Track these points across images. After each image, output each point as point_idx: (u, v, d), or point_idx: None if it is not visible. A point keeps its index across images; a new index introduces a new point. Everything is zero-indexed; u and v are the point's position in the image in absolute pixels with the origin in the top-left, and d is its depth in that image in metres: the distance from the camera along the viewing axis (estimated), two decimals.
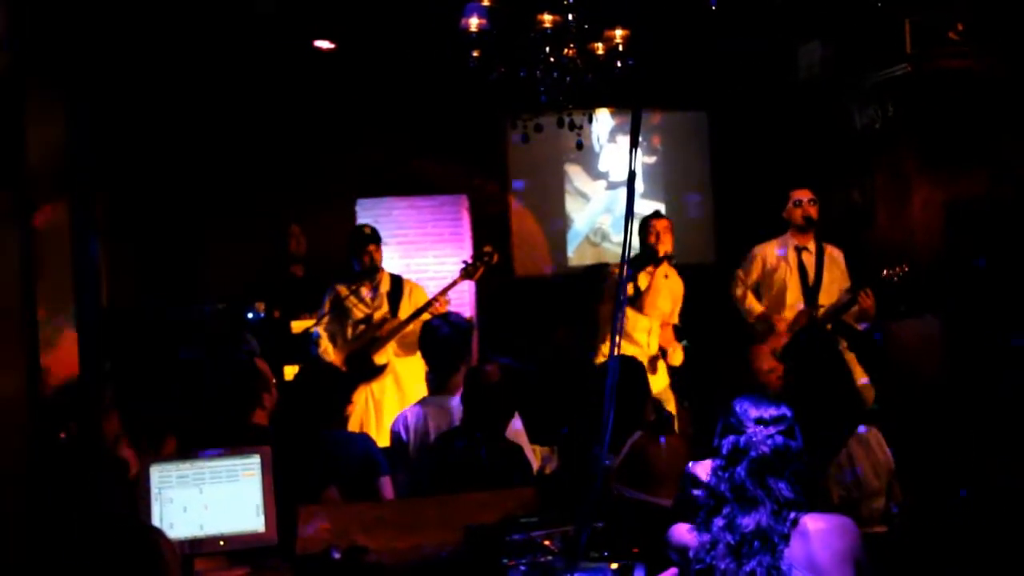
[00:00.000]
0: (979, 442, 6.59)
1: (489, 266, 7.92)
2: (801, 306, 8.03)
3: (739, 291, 8.25)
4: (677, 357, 8.19)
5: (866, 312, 7.66)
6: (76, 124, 6.71)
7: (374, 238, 7.92)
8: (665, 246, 8.01)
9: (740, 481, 3.49)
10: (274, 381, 5.86)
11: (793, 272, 8.12)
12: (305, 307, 8.32)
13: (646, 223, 8.20)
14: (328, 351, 7.76)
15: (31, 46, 5.96)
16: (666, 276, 8.07)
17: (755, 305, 8.16)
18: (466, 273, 7.89)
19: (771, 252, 8.22)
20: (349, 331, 7.82)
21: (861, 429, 4.96)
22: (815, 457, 4.77)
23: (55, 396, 5.48)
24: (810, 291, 8.05)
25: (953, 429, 7.11)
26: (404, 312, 7.78)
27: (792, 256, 8.14)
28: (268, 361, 6.03)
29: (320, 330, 7.83)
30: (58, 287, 6.57)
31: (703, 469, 3.75)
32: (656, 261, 8.03)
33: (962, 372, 8.03)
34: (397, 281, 7.95)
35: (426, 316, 7.48)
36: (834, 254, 8.17)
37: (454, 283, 7.87)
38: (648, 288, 7.98)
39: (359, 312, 7.82)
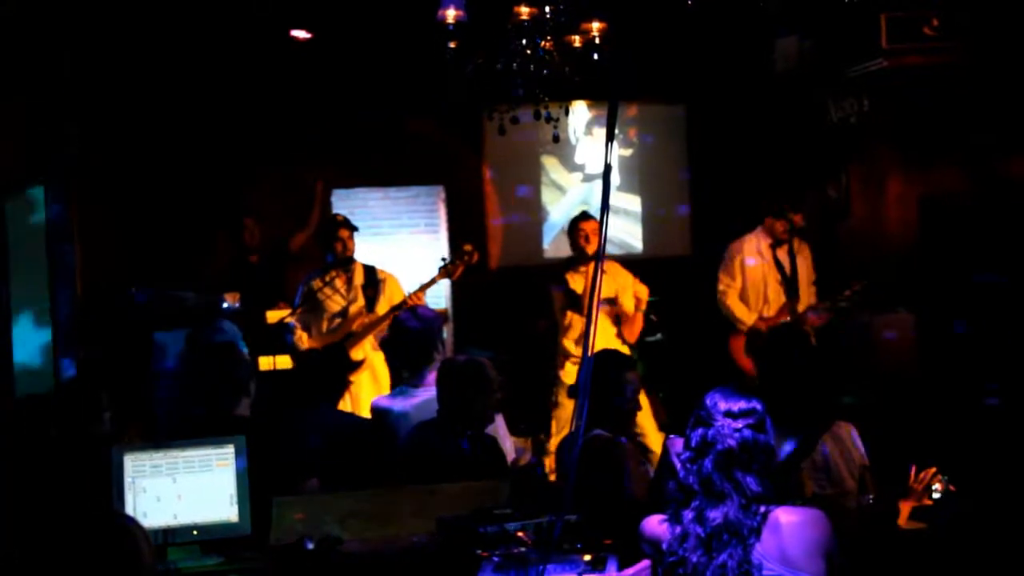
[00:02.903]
0: (960, 436, 6.64)
1: (468, 265, 7.93)
2: (783, 299, 8.09)
3: (729, 300, 8.25)
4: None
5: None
6: (50, 115, 6.70)
7: (346, 225, 7.93)
8: (593, 247, 8.03)
9: (707, 474, 3.49)
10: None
11: (772, 267, 8.17)
12: (264, 295, 8.40)
13: (575, 225, 8.30)
14: (302, 340, 7.77)
15: (4, 37, 5.94)
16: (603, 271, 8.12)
17: (747, 316, 8.17)
18: (445, 272, 7.88)
19: (748, 249, 8.26)
20: (324, 324, 7.82)
21: (835, 424, 4.99)
22: (789, 453, 4.81)
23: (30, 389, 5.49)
24: (789, 283, 8.12)
25: (928, 422, 7.17)
26: (380, 306, 7.79)
27: (767, 252, 8.20)
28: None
29: (294, 320, 7.83)
30: (33, 279, 6.56)
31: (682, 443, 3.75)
32: (585, 262, 8.09)
33: (935, 366, 8.09)
34: (371, 272, 7.95)
35: None
36: (803, 248, 8.26)
37: (433, 281, 7.86)
38: (584, 290, 8.06)
39: (335, 305, 7.82)
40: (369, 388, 7.76)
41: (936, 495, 4.83)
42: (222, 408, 5.45)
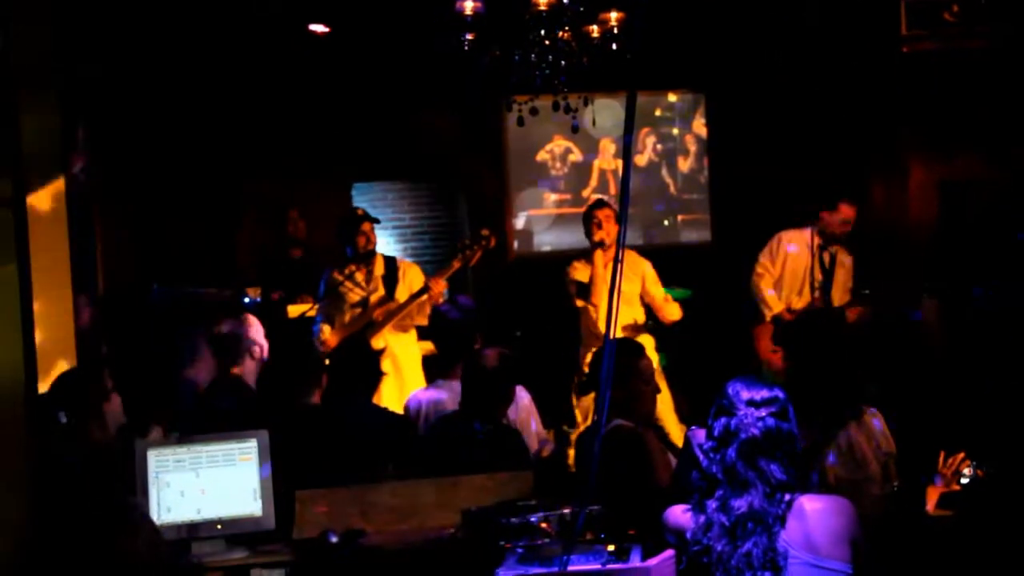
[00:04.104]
0: (985, 420, 6.61)
1: (486, 249, 7.90)
2: (813, 297, 8.05)
3: (763, 283, 8.16)
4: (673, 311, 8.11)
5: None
6: (71, 109, 6.71)
7: (368, 218, 7.91)
8: (603, 234, 7.92)
9: (731, 463, 3.50)
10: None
11: (816, 264, 8.11)
12: (305, 289, 8.38)
13: (589, 212, 8.12)
14: (325, 332, 7.77)
15: (23, 31, 5.95)
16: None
17: (775, 304, 8.11)
18: (463, 257, 7.86)
19: (799, 240, 8.17)
20: (347, 316, 7.82)
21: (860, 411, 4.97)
22: (813, 440, 4.79)
23: (53, 381, 5.49)
24: (825, 286, 8.06)
25: (955, 408, 7.14)
26: (400, 292, 7.77)
27: (816, 250, 8.12)
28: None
29: (318, 314, 7.84)
30: (55, 272, 6.57)
31: (704, 434, 3.74)
32: (597, 250, 7.99)
33: (959, 351, 8.06)
34: (391, 262, 7.93)
35: (424, 299, 7.49)
36: (845, 257, 8.15)
37: (451, 266, 7.85)
38: (592, 279, 7.95)
39: (355, 296, 7.81)
40: (391, 377, 7.75)
41: (965, 480, 4.81)
42: (297, 397, 5.52)
